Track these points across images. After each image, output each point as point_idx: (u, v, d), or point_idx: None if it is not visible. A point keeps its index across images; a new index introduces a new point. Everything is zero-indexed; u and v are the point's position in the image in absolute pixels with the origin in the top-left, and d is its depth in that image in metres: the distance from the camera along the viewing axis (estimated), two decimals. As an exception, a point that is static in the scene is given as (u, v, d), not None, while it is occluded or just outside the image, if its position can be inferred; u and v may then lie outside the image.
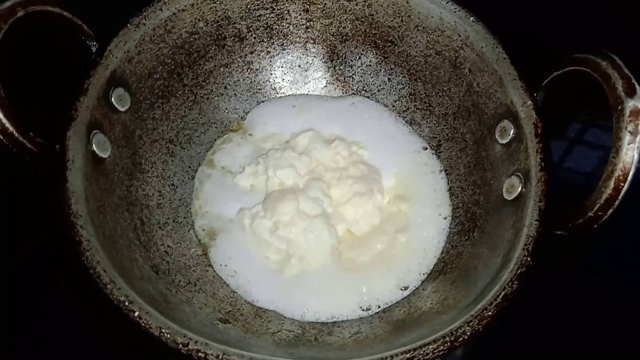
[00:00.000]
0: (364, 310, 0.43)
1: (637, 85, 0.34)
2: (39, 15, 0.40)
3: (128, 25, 0.45)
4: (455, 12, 0.47)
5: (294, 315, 0.43)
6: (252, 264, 0.46)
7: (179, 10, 0.48)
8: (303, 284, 0.45)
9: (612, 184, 0.34)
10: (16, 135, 0.37)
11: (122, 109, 0.45)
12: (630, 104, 0.34)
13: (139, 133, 0.47)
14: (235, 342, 0.38)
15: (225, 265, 0.46)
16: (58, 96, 0.42)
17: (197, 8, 0.49)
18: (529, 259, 0.36)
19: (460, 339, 0.33)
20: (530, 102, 0.41)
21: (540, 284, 0.38)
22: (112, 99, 0.44)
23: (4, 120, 0.36)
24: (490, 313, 0.34)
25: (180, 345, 0.32)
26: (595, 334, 0.46)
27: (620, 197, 0.34)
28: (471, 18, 0.46)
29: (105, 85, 0.43)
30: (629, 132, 0.34)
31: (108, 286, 0.34)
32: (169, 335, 0.32)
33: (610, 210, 0.35)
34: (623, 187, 0.34)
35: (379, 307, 0.43)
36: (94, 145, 0.41)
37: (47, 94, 0.49)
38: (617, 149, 0.34)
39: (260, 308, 0.44)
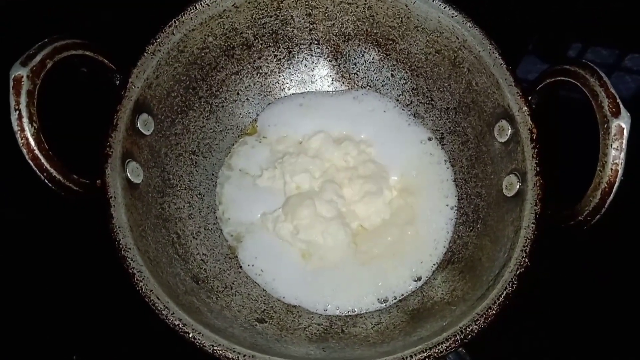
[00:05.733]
0: (381, 302, 0.49)
1: (621, 106, 0.37)
2: (64, 60, 0.43)
3: (145, 54, 0.47)
4: (453, 16, 0.49)
5: (317, 310, 0.49)
6: (276, 263, 0.51)
7: (190, 31, 0.50)
8: (323, 279, 0.50)
9: (599, 194, 0.38)
10: (62, 180, 0.41)
11: (147, 133, 0.48)
12: (616, 124, 0.37)
13: (164, 151, 0.51)
14: (274, 341, 0.44)
15: (253, 265, 0.51)
16: (89, 127, 0.45)
17: (206, 25, 0.51)
18: (527, 260, 0.41)
19: (470, 336, 0.39)
20: (526, 108, 0.45)
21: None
22: (138, 126, 0.47)
23: (51, 170, 0.40)
24: (494, 311, 0.39)
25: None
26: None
27: (606, 205, 0.38)
28: (468, 23, 0.48)
29: (131, 115, 0.46)
30: (614, 149, 0.37)
31: (163, 312, 0.39)
32: (220, 352, 0.38)
33: (598, 216, 0.39)
34: (608, 198, 0.38)
35: (395, 298, 0.49)
36: (128, 174, 0.45)
37: (77, 128, 0.53)
38: (603, 163, 0.38)
39: (290, 304, 0.49)
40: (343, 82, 0.58)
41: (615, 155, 0.38)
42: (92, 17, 0.65)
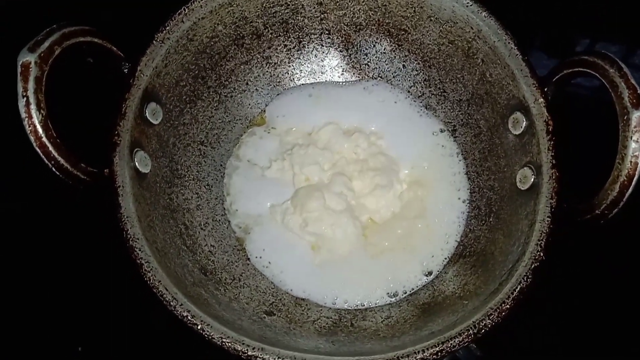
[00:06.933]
0: (391, 296, 0.48)
1: (643, 96, 0.37)
2: (72, 47, 0.42)
3: (154, 42, 0.47)
4: (467, 6, 0.48)
5: (325, 303, 0.48)
6: (285, 255, 0.50)
7: (199, 19, 0.49)
8: (332, 272, 0.49)
9: (617, 187, 0.38)
10: (70, 169, 0.40)
11: (155, 122, 0.47)
12: (636, 115, 0.36)
13: (172, 140, 0.50)
14: (283, 334, 0.43)
15: (260, 257, 0.50)
16: (97, 115, 0.45)
17: (216, 14, 0.50)
18: (542, 254, 0.40)
19: (483, 330, 0.38)
20: (542, 99, 0.44)
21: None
22: (147, 115, 0.46)
23: (59, 158, 0.39)
24: (508, 306, 0.39)
25: (240, 352, 0.37)
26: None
27: (624, 199, 0.38)
28: (483, 13, 0.47)
29: (140, 104, 0.45)
30: (634, 141, 0.36)
31: (172, 303, 0.38)
32: (229, 344, 0.37)
33: (615, 210, 0.38)
34: (627, 191, 0.37)
35: (406, 292, 0.48)
36: (136, 163, 0.44)
37: (86, 115, 0.52)
38: (622, 156, 0.37)
39: (298, 297, 0.48)
40: (354, 73, 0.58)
41: (635, 147, 0.37)
42: (100, 5, 0.64)
